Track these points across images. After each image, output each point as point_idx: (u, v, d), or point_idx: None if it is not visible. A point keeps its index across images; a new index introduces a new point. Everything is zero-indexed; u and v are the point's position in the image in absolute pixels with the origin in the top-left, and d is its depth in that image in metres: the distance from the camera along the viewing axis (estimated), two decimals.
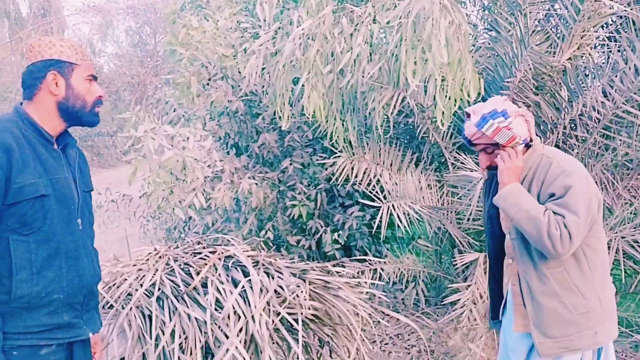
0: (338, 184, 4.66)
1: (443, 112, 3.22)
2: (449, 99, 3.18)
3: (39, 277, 1.62)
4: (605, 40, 4.00)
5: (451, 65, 3.05)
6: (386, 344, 3.90)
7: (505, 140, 2.03)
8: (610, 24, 4.09)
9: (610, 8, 3.58)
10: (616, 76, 3.41)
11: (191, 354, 2.37)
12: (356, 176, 4.13)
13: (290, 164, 4.47)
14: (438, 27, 2.85)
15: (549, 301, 2.00)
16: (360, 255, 4.60)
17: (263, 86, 4.45)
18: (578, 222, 1.90)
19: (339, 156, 4.15)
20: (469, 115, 2.15)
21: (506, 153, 2.05)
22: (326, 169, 4.48)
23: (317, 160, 4.59)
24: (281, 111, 3.54)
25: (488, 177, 2.31)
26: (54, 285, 1.66)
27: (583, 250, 2.01)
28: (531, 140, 2.10)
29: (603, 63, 3.99)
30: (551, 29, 3.99)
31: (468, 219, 3.76)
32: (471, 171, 3.51)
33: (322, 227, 4.61)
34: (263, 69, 4.00)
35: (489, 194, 2.30)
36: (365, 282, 3.01)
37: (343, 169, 4.10)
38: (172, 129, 3.18)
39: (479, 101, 4.14)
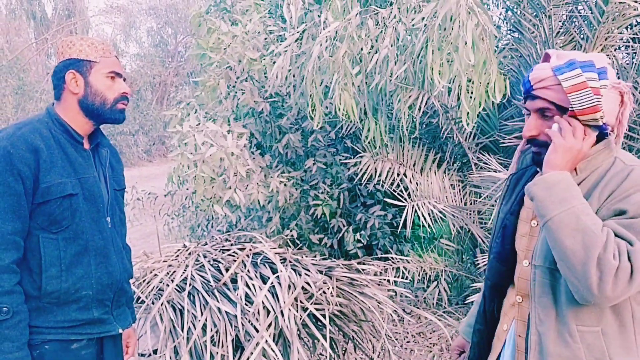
0: (360, 184, 4.71)
1: (468, 113, 3.25)
2: (474, 100, 3.21)
3: (68, 274, 1.65)
4: (629, 42, 3.99)
5: (476, 67, 3.08)
6: (408, 342, 3.94)
7: (581, 107, 1.28)
8: (635, 25, 4.08)
9: (634, 10, 3.58)
10: None
11: (222, 346, 2.43)
12: (379, 176, 4.17)
13: (314, 164, 4.52)
14: (465, 29, 2.88)
15: None
16: (381, 254, 4.65)
17: (287, 87, 4.51)
18: None
19: (362, 156, 4.19)
20: (546, 57, 1.43)
21: (569, 126, 1.31)
22: (348, 169, 4.53)
23: (339, 160, 4.64)
24: (312, 111, 3.60)
25: (516, 170, 1.58)
26: (83, 282, 1.68)
27: (631, 307, 1.31)
28: (612, 130, 1.38)
29: (627, 64, 3.98)
30: (575, 31, 4.00)
31: (490, 220, 3.79)
32: (495, 171, 3.53)
33: (344, 226, 4.66)
34: (289, 70, 4.07)
35: (511, 195, 1.57)
36: (388, 280, 3.05)
37: (366, 169, 4.14)
38: (215, 126, 3.24)
39: (504, 103, 4.20)
